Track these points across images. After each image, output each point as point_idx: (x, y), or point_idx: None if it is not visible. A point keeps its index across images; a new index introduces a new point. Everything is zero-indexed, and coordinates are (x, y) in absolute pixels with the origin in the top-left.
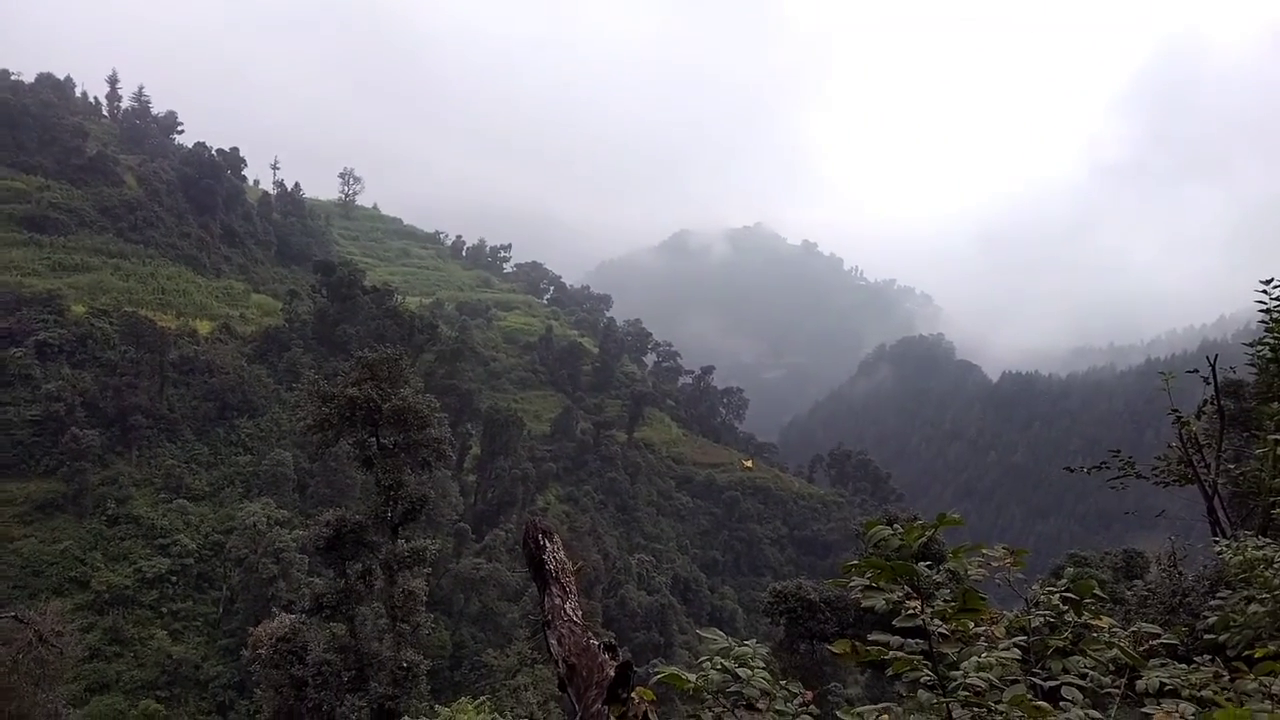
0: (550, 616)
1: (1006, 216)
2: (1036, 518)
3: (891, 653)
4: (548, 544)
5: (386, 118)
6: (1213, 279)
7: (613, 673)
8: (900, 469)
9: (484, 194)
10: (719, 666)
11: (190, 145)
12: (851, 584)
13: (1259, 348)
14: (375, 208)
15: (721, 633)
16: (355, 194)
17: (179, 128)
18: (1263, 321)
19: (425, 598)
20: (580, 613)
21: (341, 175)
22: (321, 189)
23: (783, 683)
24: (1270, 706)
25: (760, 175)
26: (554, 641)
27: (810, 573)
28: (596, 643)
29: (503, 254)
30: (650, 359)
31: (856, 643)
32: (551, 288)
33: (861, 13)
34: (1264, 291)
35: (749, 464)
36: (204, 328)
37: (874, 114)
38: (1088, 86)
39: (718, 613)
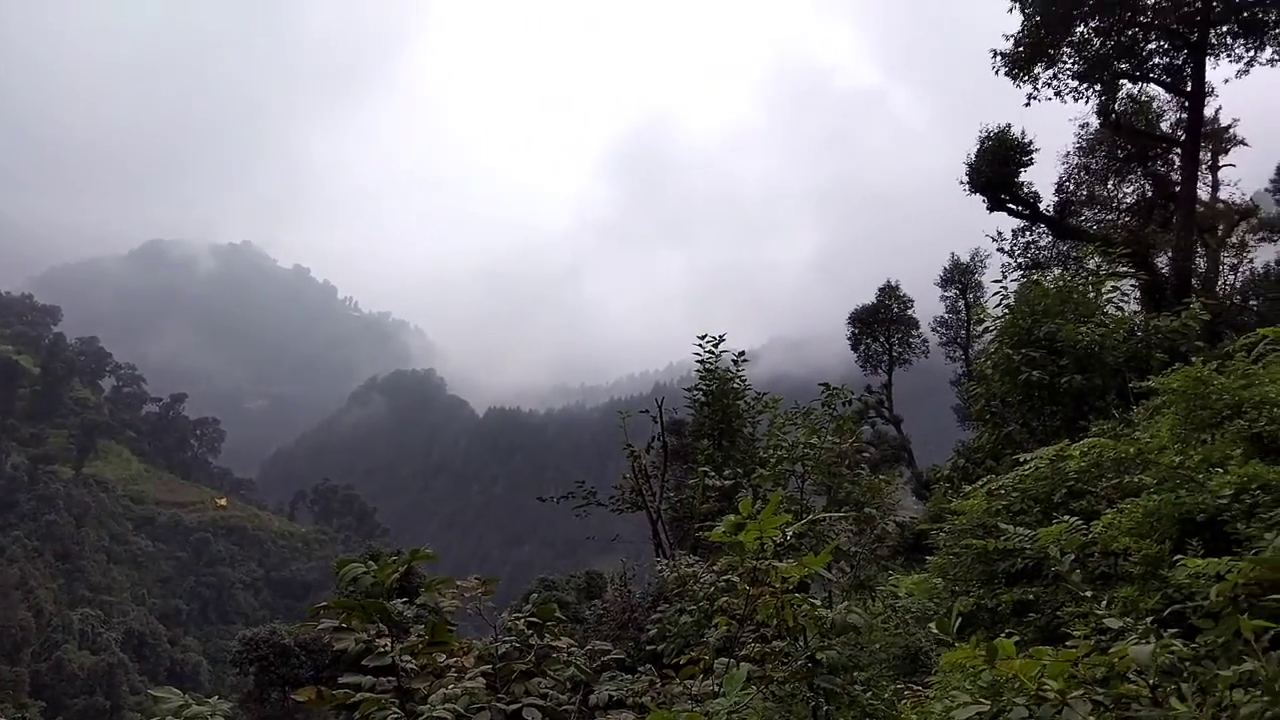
0: None
1: (506, 260)
2: (513, 545)
3: (361, 694)
4: None
5: None
6: (669, 330)
7: None
8: (389, 503)
9: None
10: None
11: None
12: (320, 626)
13: (694, 392)
14: None
15: (178, 691)
16: None
17: None
18: (697, 370)
19: None
20: None
21: None
22: None
23: None
24: (692, 706)
25: (257, 190)
26: None
27: (288, 616)
28: None
29: None
30: (109, 383)
31: (322, 688)
32: None
33: (386, 41)
34: (699, 345)
35: (223, 502)
36: None
37: (384, 143)
38: (581, 145)
39: (179, 667)
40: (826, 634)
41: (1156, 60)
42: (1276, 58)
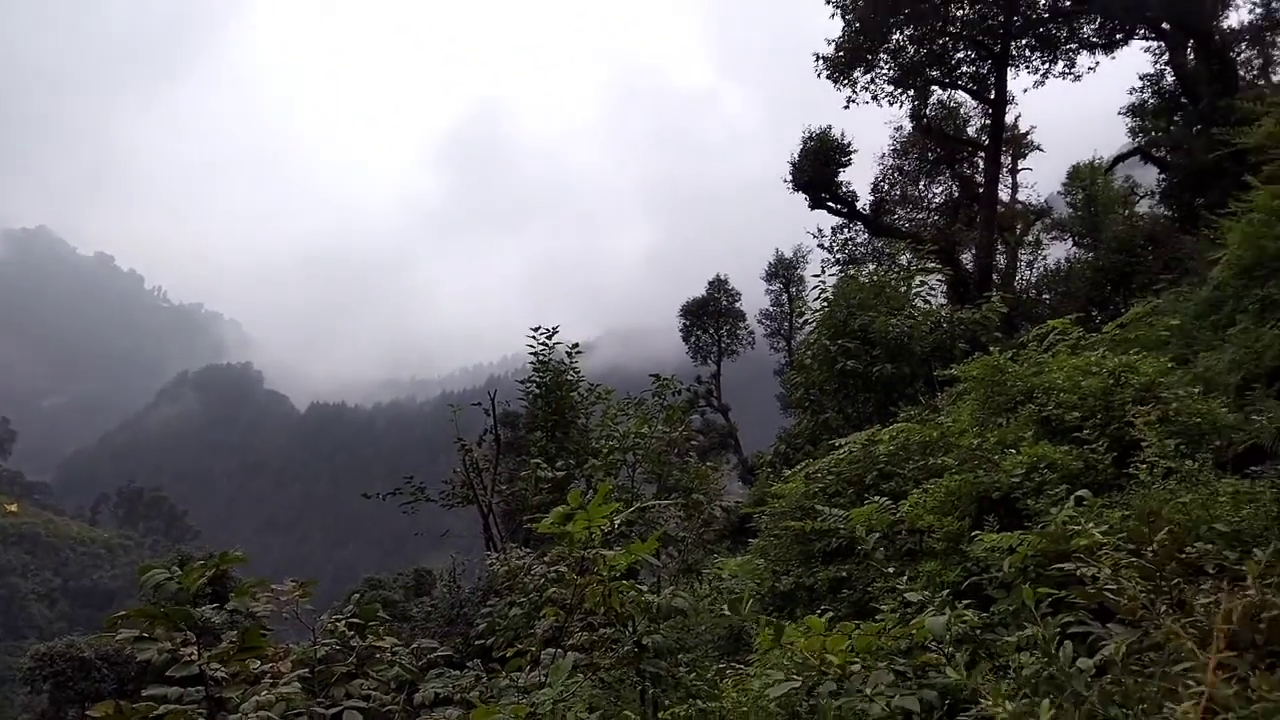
0: None
1: (329, 247)
2: (337, 545)
3: (165, 706)
4: None
5: None
6: (503, 322)
7: None
8: (201, 504)
9: None
10: None
11: None
12: (120, 637)
13: (528, 384)
14: None
15: None
16: None
17: None
18: (531, 362)
19: None
20: None
21: None
22: None
23: None
24: (519, 698)
25: (55, 172)
26: None
27: (89, 627)
28: None
29: None
30: None
31: (121, 702)
32: None
33: (204, 17)
34: (533, 337)
35: (13, 508)
36: None
37: (197, 124)
38: (410, 132)
39: None
40: (654, 619)
41: (964, 69)
42: (1068, 70)
